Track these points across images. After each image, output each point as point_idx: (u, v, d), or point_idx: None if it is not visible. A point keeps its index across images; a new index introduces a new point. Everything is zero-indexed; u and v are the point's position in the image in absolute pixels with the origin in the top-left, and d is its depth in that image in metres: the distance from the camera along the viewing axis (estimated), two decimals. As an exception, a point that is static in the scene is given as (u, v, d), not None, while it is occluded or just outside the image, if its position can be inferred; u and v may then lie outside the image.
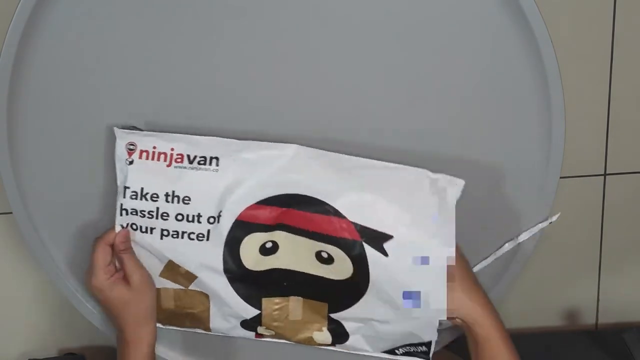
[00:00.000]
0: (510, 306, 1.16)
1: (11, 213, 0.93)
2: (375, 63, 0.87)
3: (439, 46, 0.86)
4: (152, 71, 0.87)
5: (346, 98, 0.88)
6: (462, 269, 0.88)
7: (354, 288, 0.89)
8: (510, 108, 0.89)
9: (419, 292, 0.88)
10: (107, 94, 0.88)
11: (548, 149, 0.90)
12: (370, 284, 0.88)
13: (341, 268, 0.88)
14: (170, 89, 0.88)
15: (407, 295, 0.88)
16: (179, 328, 0.97)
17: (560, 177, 0.91)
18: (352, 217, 0.86)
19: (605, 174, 1.16)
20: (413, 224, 0.86)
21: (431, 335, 0.92)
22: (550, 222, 0.93)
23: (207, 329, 0.95)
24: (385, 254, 0.86)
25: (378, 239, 0.86)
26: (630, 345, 1.11)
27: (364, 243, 0.86)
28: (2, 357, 1.25)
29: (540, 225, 0.93)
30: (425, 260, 0.86)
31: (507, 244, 0.94)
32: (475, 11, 0.85)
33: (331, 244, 0.87)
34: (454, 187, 0.87)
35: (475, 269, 0.95)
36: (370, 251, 0.87)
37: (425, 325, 0.90)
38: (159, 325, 0.96)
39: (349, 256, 0.87)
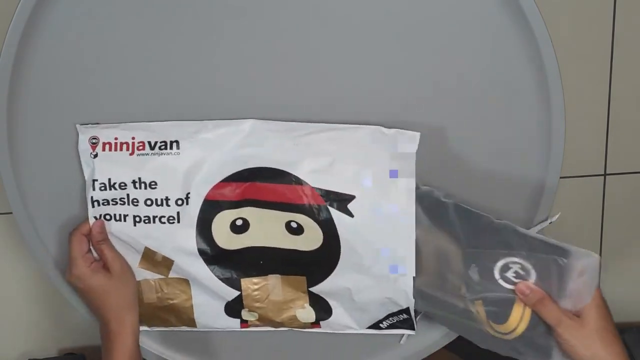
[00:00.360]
0: (510, 306, 1.16)
1: (11, 213, 0.93)
2: (375, 63, 0.87)
3: (439, 46, 0.86)
4: (152, 71, 0.87)
5: (346, 98, 0.88)
6: (602, 318, 0.82)
7: (328, 256, 0.91)
8: (510, 108, 0.89)
9: (387, 250, 0.89)
10: (107, 94, 0.88)
11: (548, 149, 0.90)
12: (341, 249, 0.90)
13: (312, 237, 0.90)
14: (170, 89, 0.88)
15: (376, 254, 0.90)
16: (165, 328, 0.98)
17: (560, 177, 0.91)
18: (314, 182, 0.88)
19: (605, 174, 1.16)
20: (372, 181, 0.88)
21: (407, 301, 0.92)
22: (550, 222, 0.93)
23: (192, 321, 0.96)
24: (350, 214, 0.88)
25: (342, 201, 0.88)
26: (630, 345, 1.11)
27: (329, 207, 0.88)
28: (2, 357, 1.25)
29: (540, 226, 0.93)
30: (388, 214, 0.88)
31: (507, 244, 0.94)
32: (475, 11, 0.85)
33: (298, 212, 0.89)
34: (409, 139, 0.87)
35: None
36: (336, 214, 0.88)
37: (400, 287, 0.91)
38: (145, 328, 0.97)
39: (317, 222, 0.89)
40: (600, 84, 1.10)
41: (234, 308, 0.95)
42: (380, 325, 0.95)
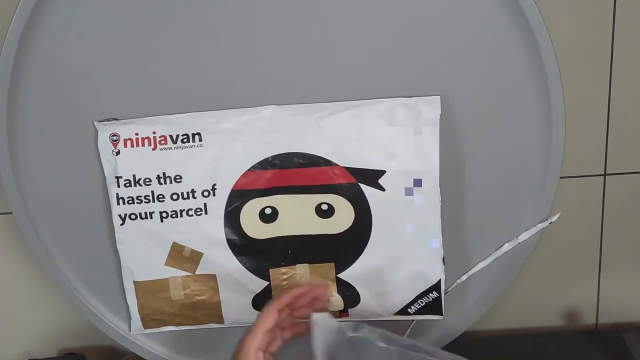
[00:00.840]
0: (511, 306, 1.16)
1: (11, 213, 0.93)
2: (375, 63, 0.87)
3: (438, 46, 0.86)
4: (152, 71, 0.87)
5: (347, 98, 0.88)
6: None
7: (358, 236, 0.91)
8: (511, 108, 0.89)
9: (416, 220, 0.90)
10: (107, 94, 0.88)
11: (548, 149, 0.90)
12: (372, 225, 0.90)
13: (343, 217, 0.90)
14: (171, 89, 0.88)
15: (407, 226, 0.90)
16: (191, 327, 0.97)
17: (560, 177, 0.91)
18: (342, 161, 0.88)
19: (605, 174, 1.16)
20: (399, 152, 0.88)
21: (439, 273, 0.92)
22: (550, 222, 0.93)
23: (220, 317, 0.96)
24: (382, 189, 0.89)
25: (372, 177, 0.88)
26: (630, 345, 1.11)
27: (360, 184, 0.88)
28: (2, 357, 1.25)
29: (540, 225, 0.93)
30: (417, 183, 0.89)
31: (507, 244, 0.94)
32: (475, 11, 0.85)
33: (330, 193, 0.89)
34: (430, 104, 0.87)
35: (475, 269, 0.95)
36: (367, 190, 0.89)
37: (431, 257, 0.92)
38: (171, 327, 0.96)
39: (349, 200, 0.89)
40: (600, 84, 1.10)
41: (261, 300, 0.94)
42: (409, 310, 0.95)
